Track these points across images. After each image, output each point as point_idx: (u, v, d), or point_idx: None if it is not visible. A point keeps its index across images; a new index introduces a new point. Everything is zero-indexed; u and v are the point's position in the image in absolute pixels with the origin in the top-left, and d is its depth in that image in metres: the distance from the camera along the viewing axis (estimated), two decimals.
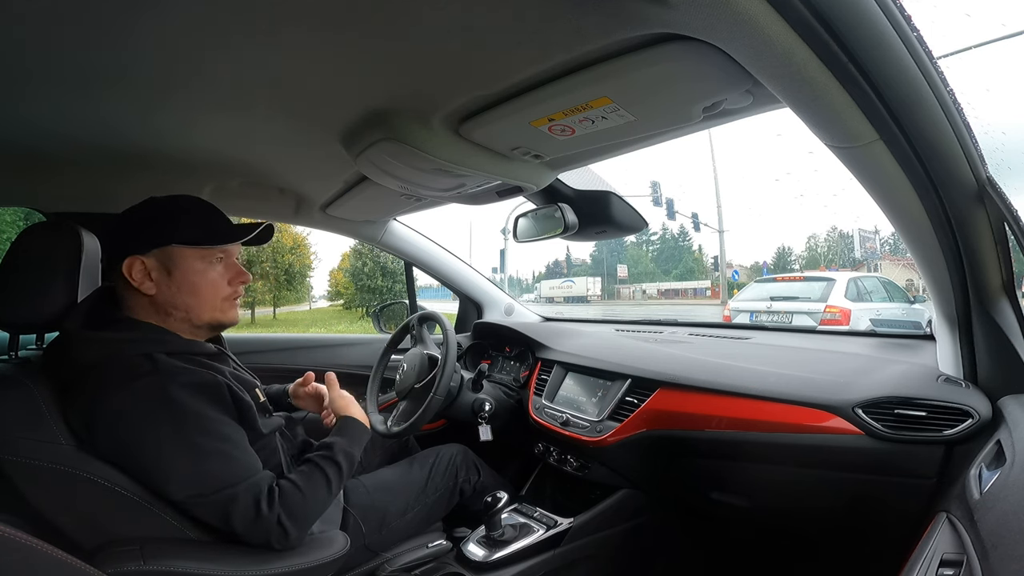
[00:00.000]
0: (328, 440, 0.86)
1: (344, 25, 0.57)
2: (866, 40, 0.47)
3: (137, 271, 0.76)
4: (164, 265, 0.78)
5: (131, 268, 0.76)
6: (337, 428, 0.91)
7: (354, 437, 0.89)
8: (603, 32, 0.54)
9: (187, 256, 0.79)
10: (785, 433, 0.94)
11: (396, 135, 0.81)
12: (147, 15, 0.55)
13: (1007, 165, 0.73)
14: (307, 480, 0.78)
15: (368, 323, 9.92)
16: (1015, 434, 0.64)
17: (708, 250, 36.83)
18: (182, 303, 0.79)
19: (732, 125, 1.01)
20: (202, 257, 0.81)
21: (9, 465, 0.64)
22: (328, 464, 0.81)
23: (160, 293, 0.78)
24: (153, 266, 0.77)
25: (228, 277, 0.85)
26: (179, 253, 0.79)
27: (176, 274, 0.78)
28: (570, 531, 1.17)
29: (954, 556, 0.52)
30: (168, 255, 0.78)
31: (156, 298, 0.78)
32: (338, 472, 0.82)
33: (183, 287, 0.79)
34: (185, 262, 0.79)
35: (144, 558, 0.65)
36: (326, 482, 0.80)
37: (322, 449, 0.85)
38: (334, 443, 0.85)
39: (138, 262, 0.76)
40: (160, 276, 0.78)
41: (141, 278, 0.77)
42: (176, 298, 0.79)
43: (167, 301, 0.79)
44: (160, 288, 0.78)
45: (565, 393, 1.35)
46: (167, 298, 0.79)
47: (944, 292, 0.82)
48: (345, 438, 0.87)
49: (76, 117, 0.84)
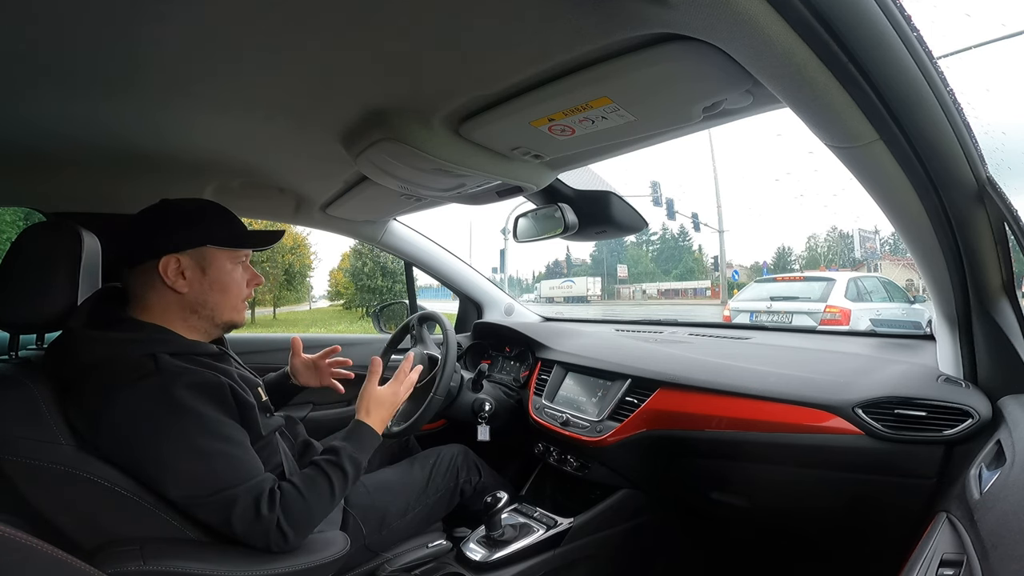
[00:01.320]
0: (336, 444, 0.85)
1: (344, 25, 0.57)
2: (866, 40, 0.47)
3: (172, 269, 0.78)
4: (199, 264, 0.81)
5: (167, 266, 0.78)
6: (347, 432, 0.89)
7: (363, 444, 0.87)
8: (603, 32, 0.54)
9: (220, 256, 0.83)
10: (785, 433, 0.94)
11: (396, 135, 0.81)
12: (148, 16, 0.55)
13: (1007, 165, 0.73)
14: (310, 484, 0.77)
15: (368, 323, 9.93)
16: (1015, 434, 0.64)
17: (708, 250, 36.94)
18: (212, 301, 0.82)
19: (732, 125, 1.01)
20: (231, 258, 0.84)
21: (9, 465, 0.64)
22: (333, 470, 0.80)
23: (192, 291, 0.80)
24: (188, 264, 0.79)
25: (246, 279, 0.88)
26: (213, 253, 0.82)
27: (210, 273, 0.82)
28: (570, 531, 1.17)
29: (954, 556, 0.53)
30: (203, 255, 0.81)
31: (187, 296, 0.80)
32: (343, 478, 0.81)
33: (215, 286, 0.82)
34: (218, 262, 0.82)
35: (144, 558, 0.65)
36: (329, 488, 0.79)
37: (329, 453, 0.83)
38: (341, 448, 0.83)
39: (174, 260, 0.78)
40: (194, 275, 0.80)
41: (175, 276, 0.79)
42: (208, 296, 0.82)
43: (197, 299, 0.81)
44: (192, 286, 0.80)
45: (565, 393, 1.35)
46: (198, 296, 0.81)
47: (944, 292, 0.82)
48: (352, 443, 0.86)
49: (77, 117, 0.84)
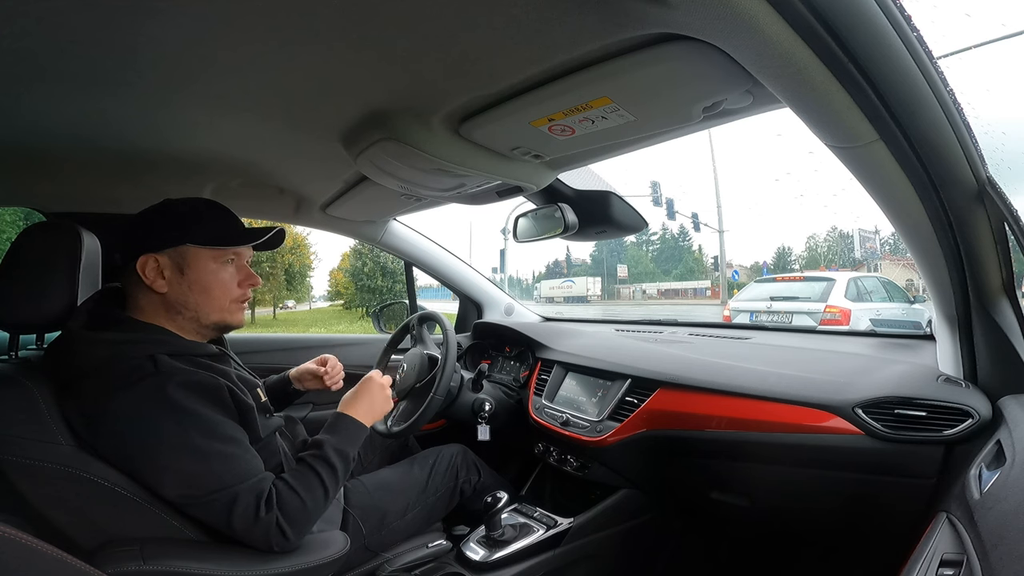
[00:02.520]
0: (318, 438, 0.84)
1: (344, 25, 0.57)
2: (866, 40, 0.47)
3: (150, 269, 0.77)
4: (177, 264, 0.79)
5: (144, 266, 0.77)
6: (328, 425, 0.88)
7: (347, 435, 0.86)
8: (603, 32, 0.54)
9: (201, 256, 0.81)
10: (785, 433, 0.94)
11: (396, 135, 0.81)
12: (148, 16, 0.55)
13: (1007, 165, 0.73)
14: (302, 481, 0.77)
15: (368, 323, 9.92)
16: (1015, 434, 0.64)
17: (708, 250, 36.86)
18: (192, 302, 0.80)
19: (732, 125, 1.01)
20: (215, 258, 0.82)
21: (9, 465, 0.64)
22: (320, 464, 0.79)
23: (171, 291, 0.79)
24: (166, 264, 0.78)
25: (239, 279, 0.86)
26: (193, 253, 0.80)
27: (189, 273, 0.80)
28: (570, 531, 1.17)
29: (954, 556, 0.52)
30: (181, 254, 0.79)
31: (167, 296, 0.79)
32: (332, 472, 0.79)
33: (195, 286, 0.80)
34: (198, 262, 0.80)
35: (144, 558, 0.65)
36: (320, 483, 0.78)
37: (313, 448, 0.82)
38: (324, 441, 0.82)
39: (151, 260, 0.77)
40: (172, 275, 0.79)
41: (154, 276, 0.78)
42: (187, 297, 0.80)
43: (177, 300, 0.80)
44: (172, 286, 0.79)
45: (565, 393, 1.35)
46: (177, 296, 0.79)
47: (944, 292, 0.82)
48: (336, 436, 0.84)
49: (77, 117, 0.84)
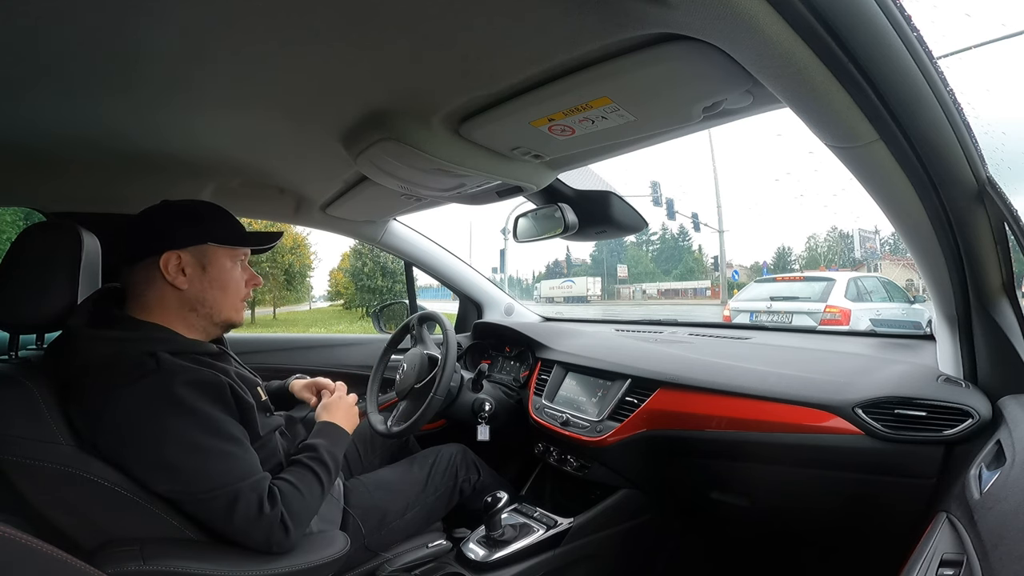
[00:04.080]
0: (311, 441, 0.88)
1: (344, 25, 0.57)
2: (866, 40, 0.47)
3: (173, 265, 0.79)
4: (199, 261, 0.82)
5: (168, 262, 0.79)
6: (317, 430, 0.92)
7: (335, 440, 0.90)
8: (603, 32, 0.54)
9: (220, 255, 0.84)
10: (785, 433, 0.94)
11: (396, 135, 0.81)
12: (148, 16, 0.55)
13: (1007, 165, 0.73)
14: (302, 479, 0.80)
15: (368, 323, 9.93)
16: (1015, 434, 0.64)
17: (708, 250, 36.84)
18: (211, 298, 0.83)
19: (732, 125, 1.01)
20: (231, 257, 0.86)
21: (9, 465, 0.63)
22: (317, 464, 0.83)
23: (191, 288, 0.81)
24: (189, 261, 0.81)
25: (244, 279, 0.89)
26: (212, 251, 0.83)
27: (210, 270, 0.83)
28: (570, 531, 1.17)
29: (954, 556, 0.52)
30: (203, 252, 0.82)
31: (186, 293, 0.81)
32: (327, 472, 0.84)
33: (214, 283, 0.83)
34: (217, 260, 0.84)
35: (144, 558, 0.65)
36: (318, 481, 0.82)
37: (308, 450, 0.86)
38: (318, 444, 0.87)
39: (175, 256, 0.79)
40: (194, 271, 0.81)
41: (175, 273, 0.80)
42: (207, 293, 0.83)
43: (196, 296, 0.82)
44: (192, 283, 0.81)
45: (565, 393, 1.35)
46: (197, 293, 0.82)
47: (944, 292, 0.82)
48: (326, 440, 0.89)
49: (77, 117, 0.84)
